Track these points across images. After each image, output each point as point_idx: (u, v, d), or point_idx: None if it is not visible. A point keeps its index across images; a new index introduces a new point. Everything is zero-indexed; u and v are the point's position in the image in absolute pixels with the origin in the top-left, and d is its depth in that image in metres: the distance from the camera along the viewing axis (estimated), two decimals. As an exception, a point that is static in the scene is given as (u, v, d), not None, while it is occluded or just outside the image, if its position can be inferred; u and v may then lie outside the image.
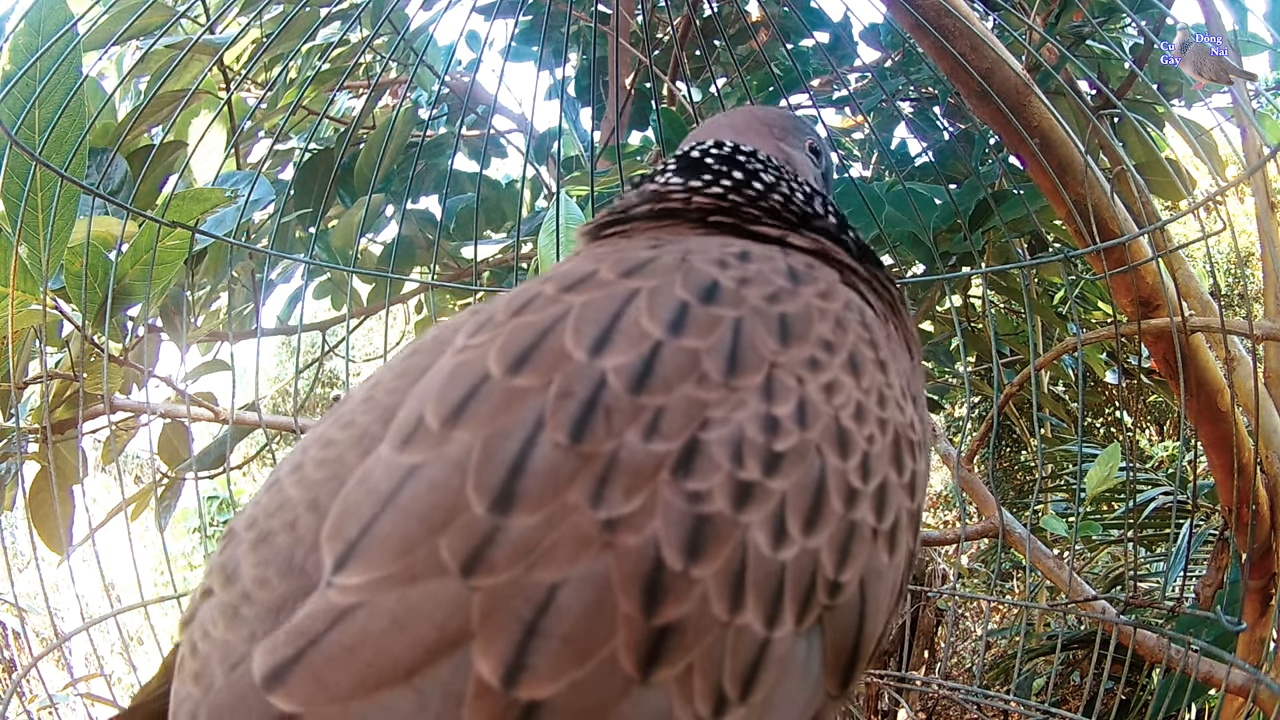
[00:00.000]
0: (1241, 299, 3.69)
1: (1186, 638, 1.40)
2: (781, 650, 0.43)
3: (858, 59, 2.85)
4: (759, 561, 0.43)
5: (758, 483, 0.44)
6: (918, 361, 0.65)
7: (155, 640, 1.27)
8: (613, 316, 0.47)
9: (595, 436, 0.43)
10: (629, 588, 0.40)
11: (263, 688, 0.40)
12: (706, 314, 0.48)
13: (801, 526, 0.45)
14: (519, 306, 0.50)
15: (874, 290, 0.63)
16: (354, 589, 0.41)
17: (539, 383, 0.45)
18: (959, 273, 2.13)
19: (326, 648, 0.40)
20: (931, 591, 2.75)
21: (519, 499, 0.41)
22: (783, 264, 0.54)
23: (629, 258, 0.52)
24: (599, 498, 0.42)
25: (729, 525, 0.43)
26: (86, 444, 1.62)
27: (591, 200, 1.51)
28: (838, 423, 0.48)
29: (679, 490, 0.42)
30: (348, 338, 1.84)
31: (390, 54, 2.36)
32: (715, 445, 0.44)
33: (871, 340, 0.54)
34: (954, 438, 2.72)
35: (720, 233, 0.63)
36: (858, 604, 0.47)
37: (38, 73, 1.15)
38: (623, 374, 0.45)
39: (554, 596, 0.40)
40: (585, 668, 0.39)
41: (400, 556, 0.41)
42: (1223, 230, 1.32)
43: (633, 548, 0.41)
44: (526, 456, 0.42)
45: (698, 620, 0.41)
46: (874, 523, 0.48)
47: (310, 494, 0.47)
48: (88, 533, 1.37)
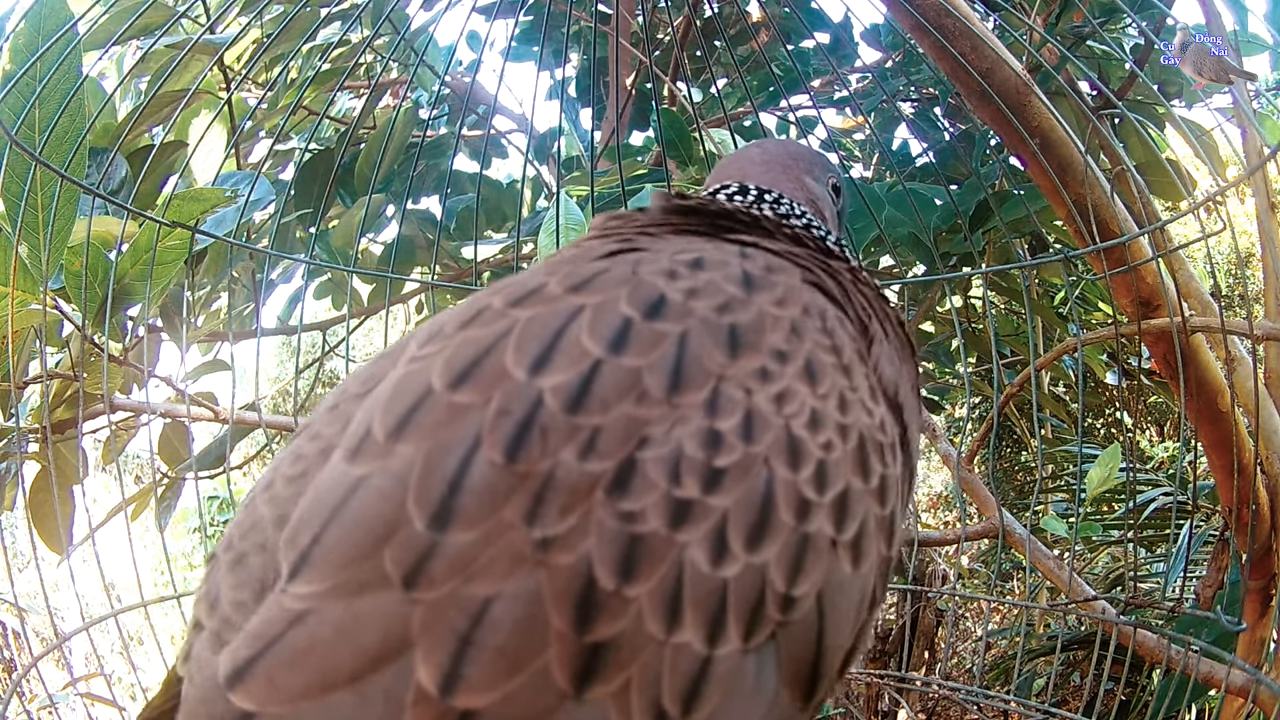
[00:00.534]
0: (1241, 299, 3.69)
1: (1186, 638, 1.40)
2: (726, 668, 0.43)
3: (858, 59, 2.85)
4: (697, 579, 0.43)
5: (696, 500, 0.44)
6: (909, 366, 0.64)
7: (155, 640, 1.27)
8: (555, 334, 0.48)
9: (530, 455, 0.43)
10: (561, 604, 0.41)
11: (225, 686, 0.42)
12: (650, 330, 0.48)
13: (745, 542, 0.44)
14: (467, 319, 0.50)
15: (857, 288, 0.63)
16: (305, 596, 0.43)
17: (479, 399, 0.45)
18: (959, 273, 2.13)
19: (280, 651, 0.42)
20: (932, 592, 2.75)
21: (456, 515, 0.42)
22: (737, 270, 0.53)
23: (580, 270, 0.52)
24: (533, 516, 0.42)
25: (664, 544, 0.43)
26: (86, 444, 1.62)
27: (592, 200, 1.51)
28: (789, 432, 0.47)
29: (612, 510, 0.43)
30: (348, 338, 1.84)
31: (390, 54, 2.36)
32: (651, 464, 0.44)
33: (833, 345, 0.53)
34: (954, 438, 2.72)
35: (696, 235, 0.63)
36: (815, 617, 0.47)
37: (38, 73, 1.14)
38: (559, 393, 0.45)
39: (488, 610, 0.41)
40: (518, 680, 0.41)
41: (347, 567, 0.43)
42: (1223, 230, 1.32)
43: (565, 566, 0.42)
44: (464, 473, 0.43)
45: (632, 638, 0.42)
46: (832, 533, 0.47)
47: (279, 511, 0.48)
48: (88, 533, 1.37)
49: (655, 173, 2.08)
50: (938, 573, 3.02)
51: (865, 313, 0.61)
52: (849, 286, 0.63)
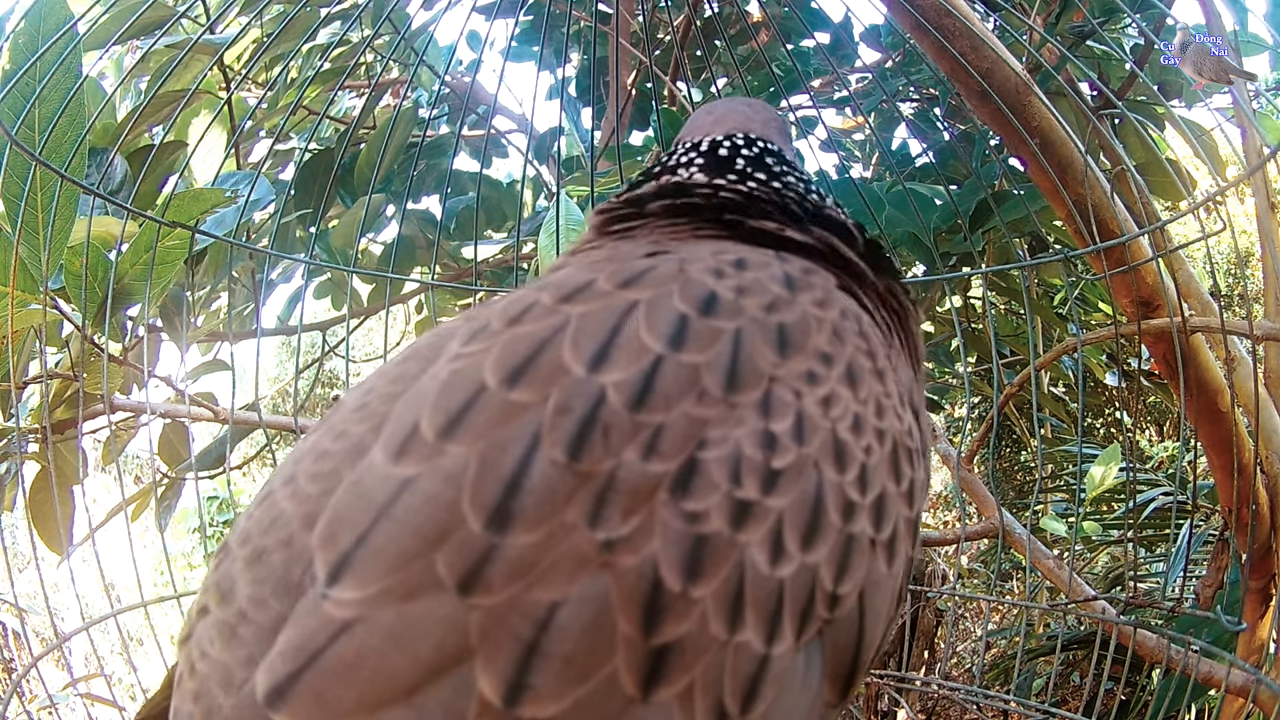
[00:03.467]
0: (1241, 299, 3.69)
1: (1186, 638, 1.40)
2: (781, 666, 0.44)
3: (858, 60, 2.85)
4: (757, 580, 0.43)
5: (756, 501, 0.44)
6: (920, 372, 0.64)
7: (155, 641, 1.27)
8: (611, 330, 0.46)
9: (593, 455, 0.42)
10: (628, 608, 0.40)
11: (265, 706, 0.40)
12: (706, 327, 0.47)
13: (800, 543, 0.45)
14: (515, 315, 0.49)
15: (879, 297, 0.62)
16: (351, 603, 0.40)
17: (536, 397, 0.44)
18: (959, 273, 2.13)
19: (327, 664, 0.40)
20: (931, 592, 2.75)
21: (516, 517, 0.41)
22: (779, 271, 0.53)
23: (627, 267, 0.52)
24: (597, 517, 0.41)
25: (727, 545, 0.43)
26: (86, 444, 1.62)
27: (592, 200, 1.51)
28: (835, 436, 0.48)
29: (677, 510, 0.42)
30: (348, 338, 1.84)
31: (390, 54, 2.36)
32: (713, 464, 0.44)
33: (869, 350, 0.53)
34: (954, 438, 2.72)
35: (719, 236, 0.62)
36: (857, 615, 0.47)
37: (38, 73, 1.14)
38: (623, 390, 0.44)
39: (553, 616, 0.39)
40: (586, 687, 0.39)
41: (396, 570, 0.40)
42: (1223, 230, 1.32)
43: (631, 568, 0.41)
44: (524, 473, 0.42)
45: (697, 639, 0.41)
46: (872, 533, 0.48)
47: (305, 509, 0.46)
48: (88, 533, 1.37)
49: (654, 170, 2.08)
50: (937, 573, 3.02)
51: (887, 321, 0.61)
52: (871, 292, 0.62)
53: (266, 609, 0.44)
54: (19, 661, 2.56)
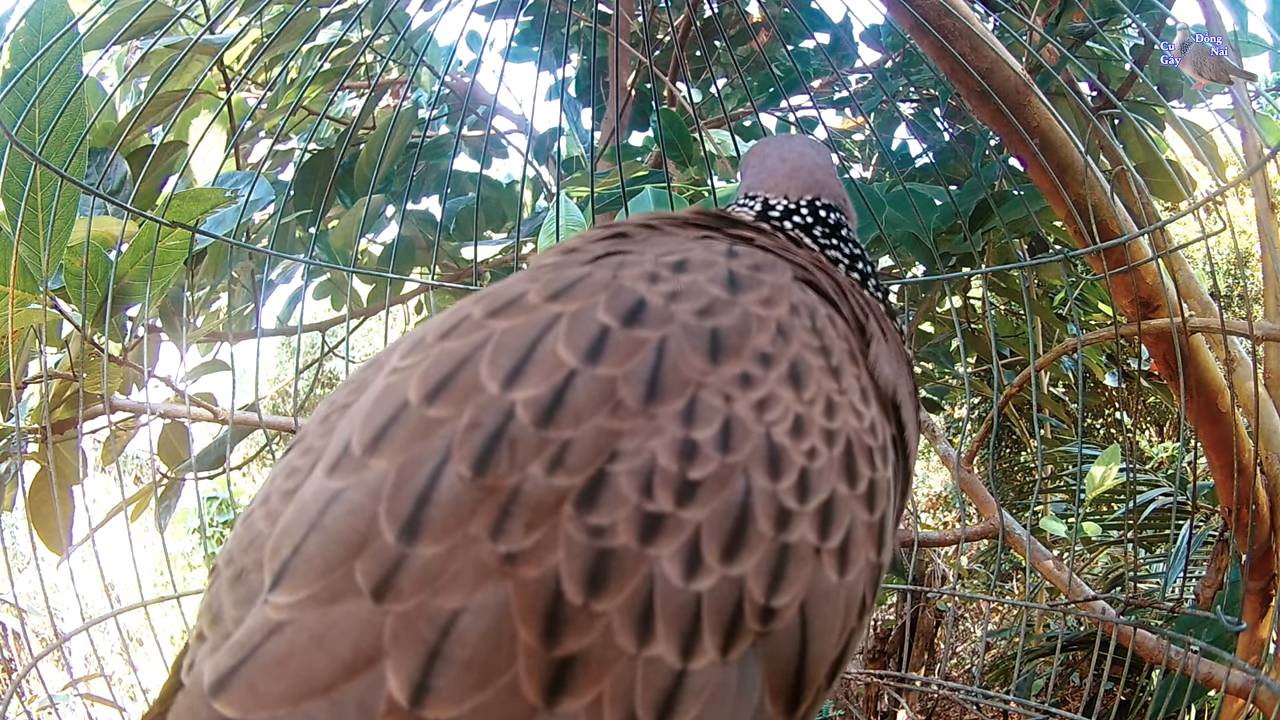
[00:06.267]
0: (1241, 299, 3.69)
1: (1186, 638, 1.40)
2: (702, 680, 0.43)
3: (858, 60, 2.85)
4: (669, 593, 0.43)
5: (668, 514, 0.44)
6: (906, 366, 0.63)
7: (155, 641, 1.27)
8: (530, 345, 0.47)
9: (499, 470, 0.43)
10: (528, 618, 0.41)
11: (209, 694, 0.43)
12: (628, 337, 0.47)
13: (720, 555, 0.44)
14: (447, 330, 0.50)
15: (856, 286, 0.62)
16: (284, 606, 0.43)
17: (451, 413, 0.45)
18: (959, 273, 2.13)
19: (260, 660, 0.43)
20: (931, 592, 2.75)
21: (424, 528, 0.43)
22: (723, 270, 0.53)
23: (561, 276, 0.52)
24: (499, 530, 0.42)
25: (634, 558, 0.43)
26: (86, 444, 1.62)
27: (592, 201, 1.51)
28: (769, 441, 0.47)
29: (580, 524, 0.43)
30: (348, 338, 1.83)
31: (390, 54, 2.36)
32: (623, 477, 0.44)
33: (821, 346, 0.52)
34: (954, 438, 2.72)
35: (694, 227, 0.63)
36: (798, 627, 0.46)
37: (38, 72, 1.14)
38: (531, 406, 0.45)
39: (455, 622, 0.41)
40: (486, 692, 0.41)
41: (322, 576, 0.43)
42: (1223, 230, 1.32)
43: (531, 579, 0.42)
44: (433, 487, 0.43)
45: (602, 652, 0.42)
46: (816, 541, 0.47)
47: (274, 526, 0.48)
48: (88, 533, 1.37)
49: (655, 173, 2.08)
50: (937, 573, 3.02)
51: (863, 311, 0.60)
52: (845, 283, 0.62)
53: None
54: (19, 661, 2.56)
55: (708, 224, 0.65)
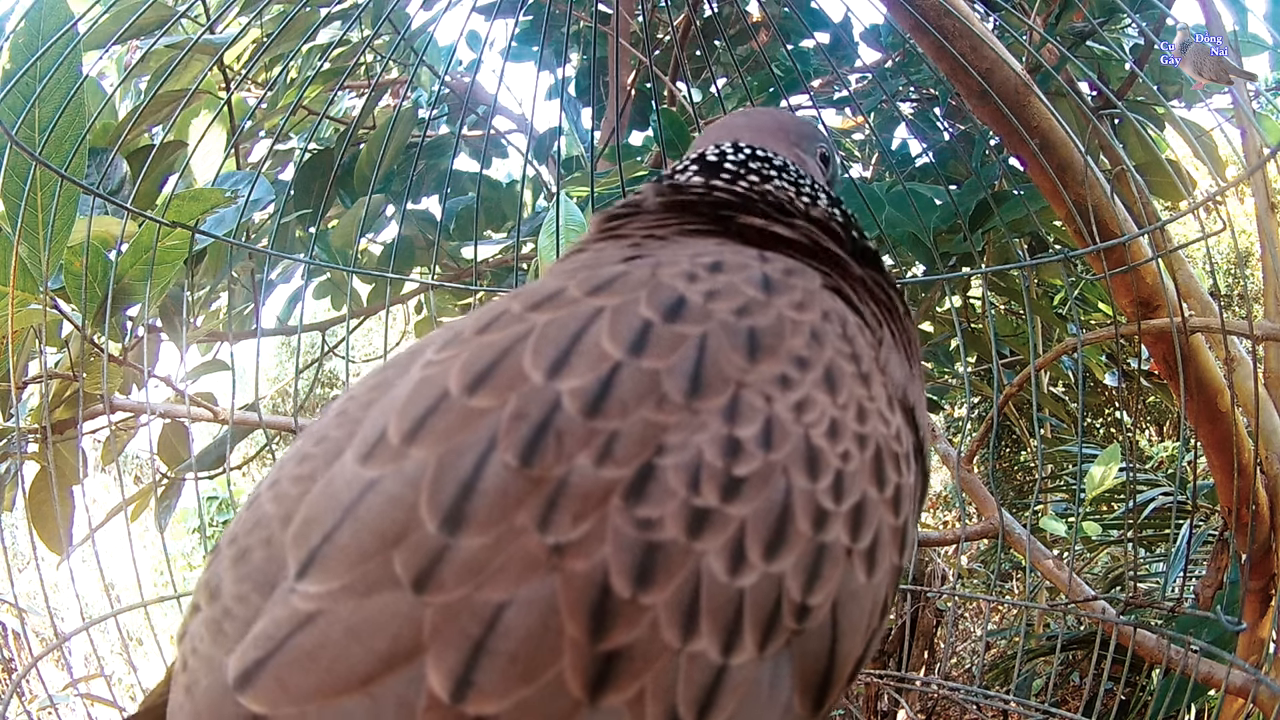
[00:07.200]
0: (1241, 299, 3.69)
1: (1186, 638, 1.40)
2: (740, 677, 0.43)
3: (858, 60, 2.85)
4: (714, 589, 0.43)
5: (715, 509, 0.44)
6: (917, 368, 0.64)
7: (155, 640, 1.27)
8: (573, 337, 0.47)
9: (545, 460, 0.43)
10: (575, 612, 0.41)
11: (234, 689, 0.42)
12: (670, 332, 0.48)
13: (763, 552, 0.44)
14: (485, 324, 0.50)
15: (869, 292, 0.62)
16: (314, 596, 0.42)
17: (495, 403, 0.45)
18: (959, 273, 2.13)
19: (289, 652, 0.42)
20: (931, 592, 2.75)
21: (469, 519, 0.42)
22: (757, 273, 0.53)
23: (599, 273, 0.52)
24: (547, 522, 0.42)
25: (681, 553, 0.43)
26: (86, 444, 1.62)
27: (592, 201, 1.51)
28: (808, 442, 0.47)
29: (629, 517, 0.42)
30: (348, 338, 1.84)
31: (390, 54, 2.36)
32: (670, 471, 0.44)
33: (852, 353, 0.53)
34: (954, 438, 2.72)
35: (708, 233, 0.63)
36: (829, 627, 0.47)
37: (38, 72, 1.14)
38: (578, 397, 0.45)
39: (500, 616, 0.40)
40: (531, 687, 0.40)
41: (357, 567, 0.42)
42: (1223, 230, 1.32)
43: (579, 572, 0.41)
44: (478, 477, 0.43)
45: (647, 647, 0.41)
46: (848, 542, 0.47)
47: (284, 510, 0.48)
48: (88, 533, 1.37)
49: (655, 173, 2.08)
50: (937, 573, 3.02)
51: (877, 317, 0.61)
52: (860, 288, 0.62)
53: (248, 604, 0.46)
54: (19, 661, 2.56)
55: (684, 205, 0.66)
